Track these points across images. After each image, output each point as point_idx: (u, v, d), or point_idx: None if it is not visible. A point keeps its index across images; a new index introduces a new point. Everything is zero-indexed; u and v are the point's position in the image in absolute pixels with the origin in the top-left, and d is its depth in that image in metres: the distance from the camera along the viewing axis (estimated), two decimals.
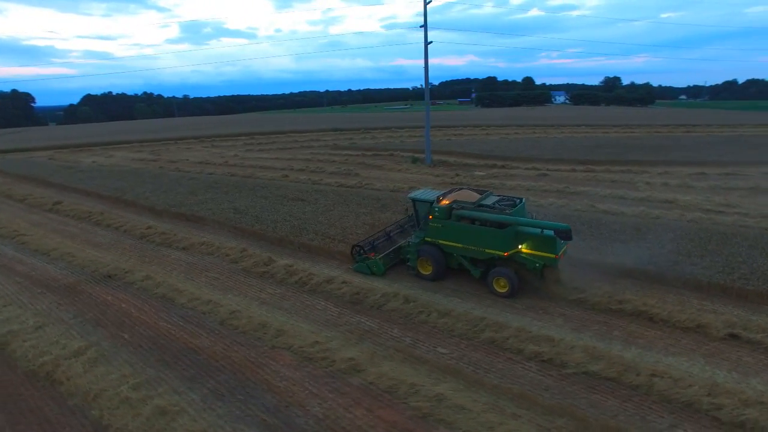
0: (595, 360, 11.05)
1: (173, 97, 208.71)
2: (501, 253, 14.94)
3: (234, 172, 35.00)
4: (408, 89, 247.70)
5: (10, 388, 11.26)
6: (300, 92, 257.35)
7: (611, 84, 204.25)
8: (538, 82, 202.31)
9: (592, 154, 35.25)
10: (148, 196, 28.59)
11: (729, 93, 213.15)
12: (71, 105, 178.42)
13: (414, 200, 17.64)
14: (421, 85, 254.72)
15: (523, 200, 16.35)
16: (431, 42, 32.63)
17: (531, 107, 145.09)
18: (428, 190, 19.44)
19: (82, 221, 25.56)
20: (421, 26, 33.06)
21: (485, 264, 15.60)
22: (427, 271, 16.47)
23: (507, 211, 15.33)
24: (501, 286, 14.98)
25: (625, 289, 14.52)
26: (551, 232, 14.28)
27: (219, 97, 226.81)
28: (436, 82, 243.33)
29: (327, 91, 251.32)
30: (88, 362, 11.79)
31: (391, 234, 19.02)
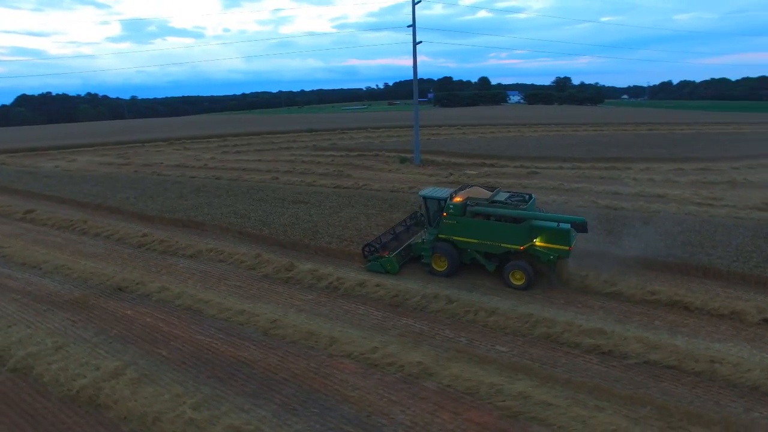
0: (652, 349, 11.47)
1: (118, 98, 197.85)
2: (517, 247, 15.37)
3: (219, 175, 33.65)
4: (362, 89, 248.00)
5: (48, 416, 10.28)
6: (252, 93, 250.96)
7: (562, 84, 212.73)
8: (490, 82, 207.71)
9: (573, 152, 36.68)
10: (133, 201, 26.97)
11: (666, 93, 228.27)
12: (4, 106, 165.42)
13: (426, 198, 17.76)
14: (377, 86, 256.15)
15: (533, 196, 16.86)
16: (420, 42, 32.86)
17: (488, 106, 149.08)
18: (438, 189, 19.67)
19: (65, 230, 23.75)
20: (408, 26, 33.18)
21: (499, 258, 16.02)
22: (441, 267, 16.67)
23: (521, 207, 15.79)
24: (517, 279, 15.45)
25: (652, 280, 15.22)
26: (567, 226, 14.97)
27: (168, 98, 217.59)
28: (390, 82, 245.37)
29: (280, 91, 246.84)
30: (131, 383, 10.95)
31: (398, 232, 19.03)
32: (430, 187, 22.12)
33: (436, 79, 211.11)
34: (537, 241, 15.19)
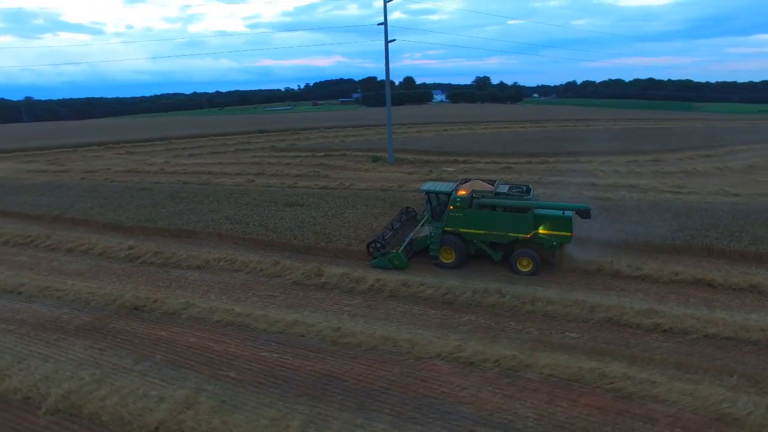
0: (707, 324, 12.55)
1: (4, 99, 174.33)
2: (524, 235, 16.25)
3: (186, 180, 31.11)
4: (280, 90, 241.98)
5: None
6: (164, 94, 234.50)
7: (482, 83, 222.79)
8: (415, 81, 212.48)
9: (534, 148, 38.81)
10: (100, 211, 24.17)
11: (572, 92, 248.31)
12: None
13: (430, 192, 18.11)
14: (299, 86, 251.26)
15: (531, 186, 17.91)
16: (393, 40, 32.81)
17: (415, 105, 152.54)
18: (439, 183, 20.19)
19: (26, 247, 20.76)
20: (379, 24, 33.01)
21: (504, 247, 16.82)
22: (448, 259, 17.20)
23: (525, 197, 16.68)
24: (524, 266, 16.36)
25: (668, 261, 16.63)
26: (569, 213, 16.03)
27: (68, 99, 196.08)
28: (309, 83, 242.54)
29: (195, 93, 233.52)
30: (213, 412, 9.87)
31: (395, 228, 19.11)
32: (431, 181, 22.49)
33: (357, 79, 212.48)
34: (541, 229, 16.10)
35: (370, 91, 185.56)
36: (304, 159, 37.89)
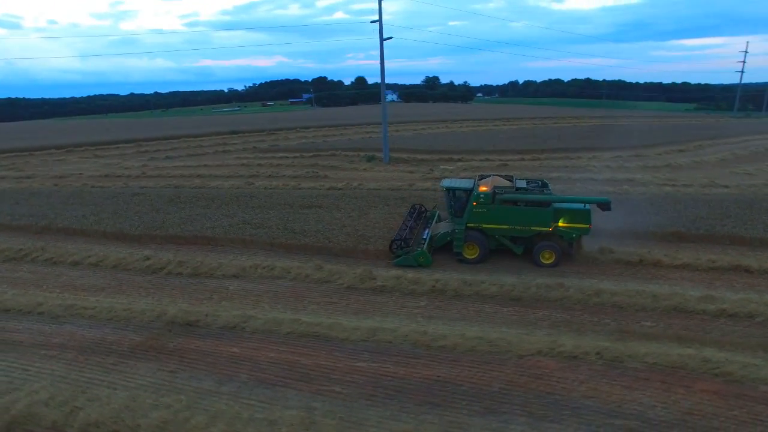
0: (766, 307, 13.39)
1: None
2: (546, 228, 16.78)
3: (177, 184, 29.12)
4: (224, 91, 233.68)
5: None
6: (98, 95, 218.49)
7: (432, 83, 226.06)
8: (367, 81, 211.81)
9: (519, 145, 39.89)
10: (96, 220, 22.11)
11: (514, 91, 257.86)
12: None
13: (451, 189, 18.19)
14: (246, 86, 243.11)
15: (547, 181, 18.53)
16: (390, 38, 32.47)
17: (369, 105, 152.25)
18: (457, 179, 20.41)
19: (21, 262, 18.67)
20: (372, 21, 32.58)
21: (525, 241, 17.27)
22: (472, 255, 17.39)
23: (546, 192, 17.21)
24: (546, 258, 16.90)
25: (698, 250, 17.60)
26: (587, 206, 16.73)
27: None
28: (253, 83, 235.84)
29: (132, 94, 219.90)
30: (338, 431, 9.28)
31: (410, 226, 19.03)
32: (450, 178, 22.59)
33: (304, 79, 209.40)
34: (561, 222, 16.69)
35: (323, 91, 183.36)
36: (295, 160, 36.70)
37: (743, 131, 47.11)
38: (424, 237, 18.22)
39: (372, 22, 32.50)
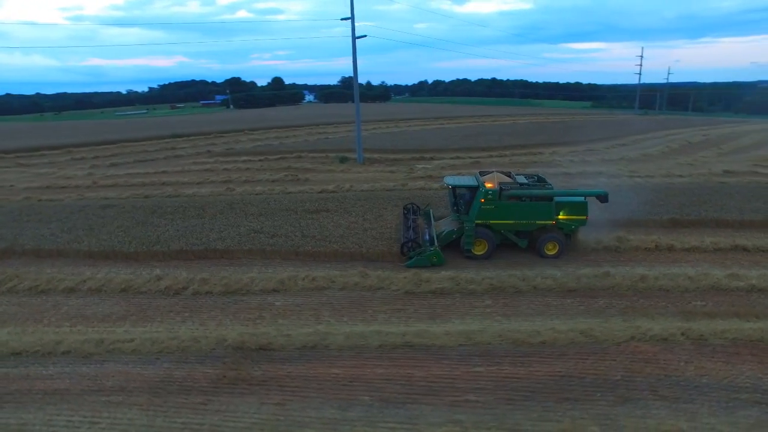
0: None
1: None
2: (550, 222, 17.77)
3: (146, 193, 25.84)
4: (121, 93, 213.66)
5: None
6: None
7: (348, 83, 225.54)
8: (284, 82, 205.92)
9: (478, 142, 41.20)
10: (71, 238, 19.04)
11: (425, 91, 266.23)
12: None
13: (457, 187, 18.35)
14: (149, 88, 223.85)
15: (543, 176, 19.61)
16: (365, 36, 31.76)
17: (287, 106, 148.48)
18: (459, 177, 20.69)
19: (5, 294, 15.51)
20: (343, 18, 31.70)
21: (528, 235, 18.10)
22: (481, 251, 17.83)
23: (548, 186, 18.31)
24: (550, 249, 17.87)
25: (697, 234, 19.50)
26: (583, 199, 17.90)
27: None
28: (154, 85, 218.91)
29: (9, 94, 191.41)
30: None
31: (411, 226, 19.03)
32: (452, 175, 22.83)
33: (211, 80, 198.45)
34: (561, 215, 17.75)
35: (239, 93, 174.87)
36: (261, 163, 34.49)
37: (660, 127, 53.33)
38: (426, 237, 18.04)
39: (342, 19, 31.68)
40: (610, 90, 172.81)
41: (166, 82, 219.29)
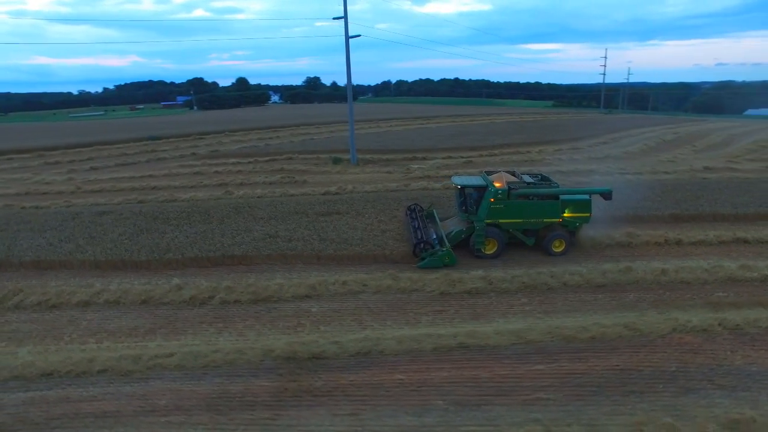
0: None
1: None
2: (557, 219, 18.29)
3: (140, 198, 24.48)
4: (72, 93, 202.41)
5: None
6: None
7: (313, 83, 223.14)
8: (249, 82, 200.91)
9: (469, 142, 41.63)
10: (72, 248, 17.87)
11: (388, 91, 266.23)
12: None
13: (466, 186, 18.48)
14: (105, 89, 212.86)
15: (547, 175, 20.18)
16: (359, 35, 31.41)
17: (253, 107, 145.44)
18: (466, 176, 20.95)
19: (2, 311, 14.31)
20: (334, 18, 31.27)
21: (534, 233, 18.55)
22: (491, 250, 18.10)
23: (553, 185, 18.87)
24: (557, 247, 18.37)
25: (699, 228, 20.43)
26: (588, 197, 18.44)
27: None
28: (110, 85, 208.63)
29: None
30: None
31: (420, 227, 19.06)
32: (458, 175, 23.01)
33: (170, 81, 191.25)
34: (566, 213, 18.27)
35: (203, 93, 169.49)
36: (252, 165, 33.47)
37: (630, 125, 55.61)
38: (434, 237, 18.03)
39: (335, 18, 31.25)
40: (569, 90, 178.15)
41: (122, 83, 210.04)
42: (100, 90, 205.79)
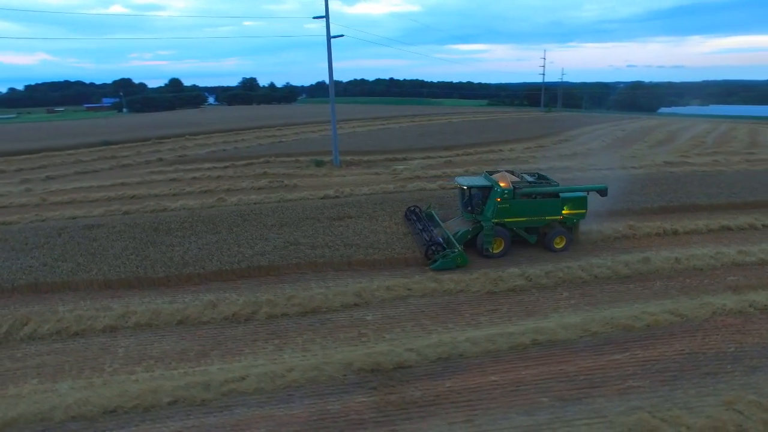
0: None
1: None
2: (558, 217, 19.37)
3: (125, 210, 22.22)
4: None
5: None
6: None
7: (249, 84, 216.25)
8: (183, 84, 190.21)
9: (440, 141, 42.20)
10: (73, 268, 16.05)
11: (323, 91, 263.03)
12: None
13: (471, 187, 18.94)
14: (11, 89, 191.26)
15: (545, 174, 21.27)
16: (342, 35, 30.70)
17: (188, 110, 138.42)
18: (469, 177, 21.52)
19: (20, 343, 12.54)
20: (315, 17, 30.46)
21: (536, 231, 19.52)
22: (498, 249, 18.68)
23: (553, 183, 19.96)
24: (558, 243, 19.32)
25: (687, 218, 22.17)
26: (584, 194, 19.44)
27: None
28: (18, 85, 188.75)
29: None
30: (678, 418, 9.62)
31: (426, 229, 19.35)
32: (462, 175, 23.40)
33: (89, 81, 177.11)
34: (565, 210, 19.34)
35: (134, 95, 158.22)
36: (234, 170, 31.57)
37: (578, 124, 59.36)
38: (439, 238, 18.08)
39: (315, 18, 30.44)
40: (499, 89, 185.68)
41: (33, 83, 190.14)
42: (5, 90, 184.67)
